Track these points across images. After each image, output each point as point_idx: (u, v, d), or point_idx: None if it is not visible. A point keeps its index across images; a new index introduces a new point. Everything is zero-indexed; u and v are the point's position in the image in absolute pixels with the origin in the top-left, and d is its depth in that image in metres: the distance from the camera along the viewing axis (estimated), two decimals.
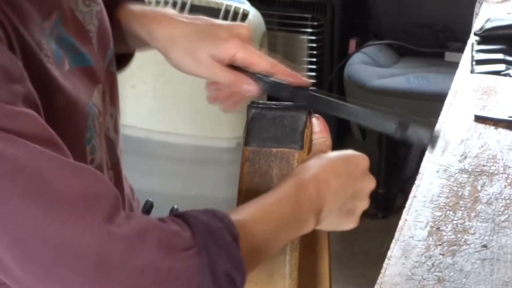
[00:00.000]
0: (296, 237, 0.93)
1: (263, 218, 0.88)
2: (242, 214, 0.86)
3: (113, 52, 1.08)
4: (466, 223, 1.16)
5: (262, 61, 1.01)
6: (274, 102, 1.00)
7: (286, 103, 1.00)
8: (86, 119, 0.94)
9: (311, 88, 1.00)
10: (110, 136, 1.04)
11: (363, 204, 0.96)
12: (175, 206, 1.29)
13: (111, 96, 1.06)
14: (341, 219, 0.96)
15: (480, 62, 1.74)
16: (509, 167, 1.31)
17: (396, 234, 1.14)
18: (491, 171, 1.29)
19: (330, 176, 0.93)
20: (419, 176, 1.28)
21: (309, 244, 1.10)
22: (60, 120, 0.88)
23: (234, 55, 1.01)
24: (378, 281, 1.04)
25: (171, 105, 2.58)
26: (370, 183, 0.96)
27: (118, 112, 1.10)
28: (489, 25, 1.89)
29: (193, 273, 0.79)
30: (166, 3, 2.59)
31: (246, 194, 0.95)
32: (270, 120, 0.97)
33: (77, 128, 0.93)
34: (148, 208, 1.24)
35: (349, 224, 0.97)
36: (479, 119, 1.47)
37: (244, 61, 1.01)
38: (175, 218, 0.82)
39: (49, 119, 0.84)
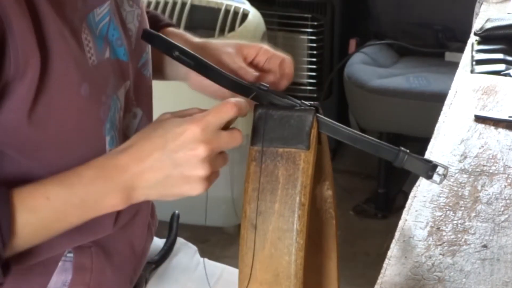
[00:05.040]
0: (94, 216, 0.95)
1: (45, 204, 0.91)
2: (22, 205, 0.90)
3: (148, 56, 1.11)
4: (466, 223, 1.16)
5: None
6: (281, 103, 1.00)
7: (293, 103, 1.00)
8: (108, 110, 0.98)
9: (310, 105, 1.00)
10: (129, 136, 1.05)
11: (198, 171, 0.93)
12: (176, 212, 1.30)
13: (137, 96, 1.08)
14: (172, 189, 0.94)
15: (480, 62, 1.74)
16: (509, 167, 1.31)
17: (396, 234, 1.14)
18: (491, 171, 1.30)
19: (143, 152, 0.93)
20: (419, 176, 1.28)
21: (317, 245, 1.10)
22: (84, 108, 0.94)
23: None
24: (378, 281, 1.05)
25: (172, 106, 2.57)
26: (193, 151, 0.92)
27: (145, 116, 1.12)
28: (489, 25, 1.89)
29: None
30: (166, 3, 2.59)
31: (251, 193, 0.95)
32: (276, 120, 0.97)
33: (99, 117, 0.97)
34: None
35: (191, 190, 0.95)
36: (479, 119, 1.47)
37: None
38: None
39: (74, 104, 0.92)
